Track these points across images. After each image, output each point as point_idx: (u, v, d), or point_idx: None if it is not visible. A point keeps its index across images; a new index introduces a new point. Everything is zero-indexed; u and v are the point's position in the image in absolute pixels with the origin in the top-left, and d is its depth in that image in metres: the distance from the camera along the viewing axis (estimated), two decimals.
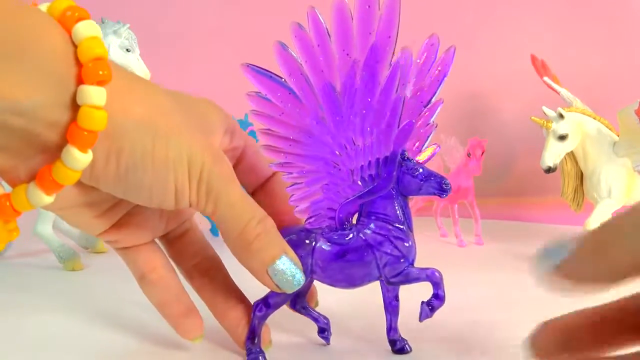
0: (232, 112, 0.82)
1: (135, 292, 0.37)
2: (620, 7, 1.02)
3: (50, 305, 0.53)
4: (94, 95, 0.22)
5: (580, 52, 1.03)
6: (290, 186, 0.35)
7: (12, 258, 0.75)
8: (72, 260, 0.70)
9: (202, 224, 0.94)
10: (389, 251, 0.35)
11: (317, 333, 0.41)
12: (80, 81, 0.22)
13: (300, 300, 0.40)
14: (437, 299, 0.35)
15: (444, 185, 0.35)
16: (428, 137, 0.38)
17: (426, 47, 0.38)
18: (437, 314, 0.36)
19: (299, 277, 0.33)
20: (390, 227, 0.36)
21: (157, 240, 0.36)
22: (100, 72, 0.22)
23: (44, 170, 0.22)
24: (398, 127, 0.33)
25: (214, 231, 0.92)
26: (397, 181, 0.35)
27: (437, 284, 0.35)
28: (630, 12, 1.02)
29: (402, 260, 0.35)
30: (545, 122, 0.73)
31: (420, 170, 0.35)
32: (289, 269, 0.32)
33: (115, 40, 0.74)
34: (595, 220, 0.72)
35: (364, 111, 0.33)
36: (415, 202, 0.95)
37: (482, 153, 0.84)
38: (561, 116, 0.72)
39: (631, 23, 1.02)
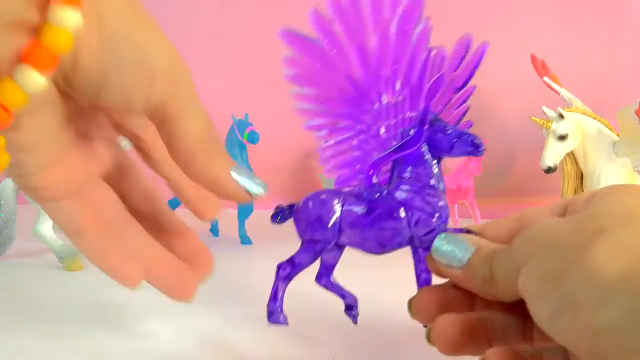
0: (233, 111, 0.83)
1: (135, 292, 0.37)
2: (620, 7, 1.02)
3: (50, 305, 0.53)
4: None
5: (580, 52, 1.03)
6: (322, 146, 0.36)
7: (12, 258, 0.75)
8: (72, 260, 0.70)
9: (201, 224, 0.94)
10: (421, 206, 0.35)
11: (344, 310, 0.41)
12: None
13: (327, 274, 0.40)
14: None
15: (477, 142, 0.34)
16: (462, 116, 0.38)
17: (458, 45, 0.38)
18: None
19: (258, 183, 0.27)
20: (422, 185, 0.35)
21: None
22: None
23: (32, 44, 0.19)
24: (428, 82, 0.34)
25: (214, 231, 0.92)
26: (428, 140, 0.35)
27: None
28: (630, 12, 1.02)
29: (435, 218, 0.35)
30: (545, 122, 0.73)
31: (452, 129, 0.35)
32: (244, 174, 0.27)
33: None
34: None
35: (395, 66, 0.34)
36: None
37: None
38: (561, 116, 0.72)
39: (631, 23, 1.02)
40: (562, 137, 0.72)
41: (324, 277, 0.39)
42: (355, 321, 0.41)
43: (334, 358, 0.40)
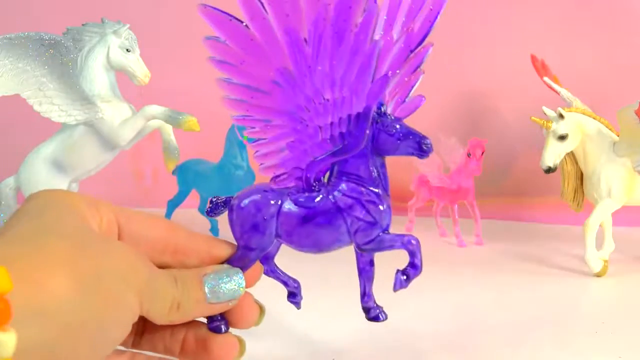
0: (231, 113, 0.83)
1: None
2: (620, 7, 1.02)
3: None
4: None
5: (580, 52, 1.03)
6: (255, 142, 0.33)
7: None
8: None
9: (202, 224, 0.94)
10: (360, 216, 0.32)
11: (286, 298, 0.39)
12: None
13: (268, 263, 0.38)
14: (413, 267, 0.33)
15: (424, 146, 0.32)
16: (413, 86, 0.34)
17: None
18: (437, 312, 0.36)
19: (237, 279, 0.30)
20: (363, 189, 0.32)
21: None
22: None
23: None
24: (372, 79, 0.30)
25: (214, 231, 0.92)
26: (371, 139, 0.32)
27: (413, 252, 0.32)
28: (630, 12, 1.02)
29: (375, 227, 0.32)
30: (545, 122, 0.73)
31: (398, 127, 0.32)
32: (220, 281, 0.29)
33: (115, 40, 0.74)
34: (595, 220, 0.72)
35: (334, 61, 0.30)
36: (415, 201, 0.95)
37: (482, 153, 0.84)
38: (561, 116, 0.72)
39: (631, 23, 1.02)
40: (562, 137, 0.72)
41: (265, 265, 0.37)
42: (298, 307, 0.39)
43: (334, 358, 0.40)
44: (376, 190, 0.33)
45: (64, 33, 0.72)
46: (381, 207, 0.33)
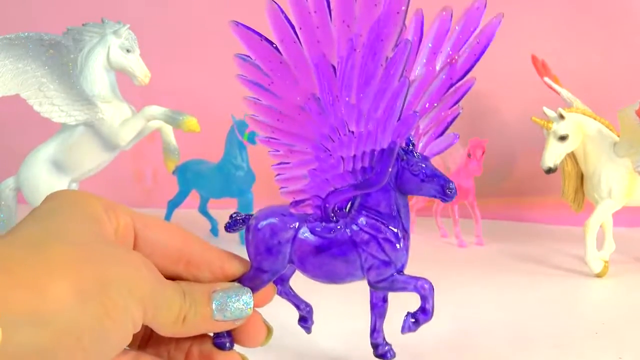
0: (233, 112, 0.83)
1: None
2: (620, 8, 1.02)
3: None
4: None
5: (580, 52, 1.03)
6: (277, 164, 0.32)
7: None
8: None
9: (202, 224, 0.95)
10: (375, 254, 0.31)
11: (297, 322, 0.39)
12: None
13: (282, 284, 0.38)
14: (424, 313, 0.32)
15: (447, 190, 0.31)
16: (449, 123, 0.33)
17: (469, 11, 0.33)
18: (437, 312, 0.35)
19: (246, 299, 0.29)
20: (381, 225, 0.32)
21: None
22: None
23: None
24: (400, 117, 0.29)
25: (214, 231, 0.92)
26: (395, 176, 0.31)
27: (425, 297, 0.32)
28: (630, 12, 1.02)
29: (389, 266, 0.32)
30: (545, 123, 0.73)
31: (423, 167, 0.31)
32: (228, 300, 0.29)
33: (116, 40, 0.74)
34: (596, 220, 0.72)
35: (361, 94, 0.29)
36: (415, 201, 0.95)
37: (483, 153, 0.84)
38: (562, 117, 0.72)
39: (631, 23, 1.02)
40: (563, 138, 0.72)
41: (279, 286, 0.37)
42: (309, 332, 0.39)
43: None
44: (395, 229, 0.32)
45: (64, 33, 0.72)
46: (398, 247, 0.32)
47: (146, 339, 0.30)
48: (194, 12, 1.14)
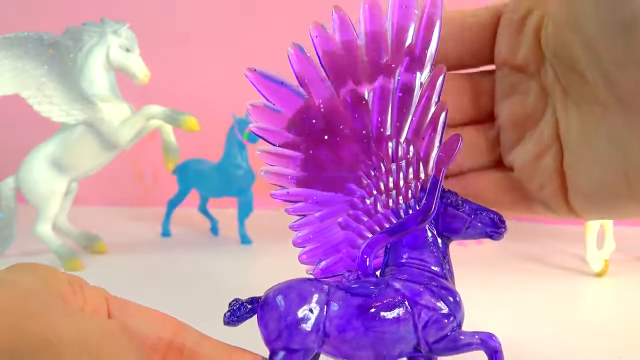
0: (233, 110, 0.83)
1: (135, 293, 0.37)
2: None
3: None
4: None
5: None
6: (295, 222, 0.28)
7: (12, 258, 0.75)
8: (72, 260, 0.70)
9: (201, 224, 0.95)
10: (430, 305, 0.26)
11: None
12: None
13: None
14: None
15: (498, 222, 0.27)
16: (444, 122, 0.29)
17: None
18: None
19: None
20: (429, 274, 0.27)
21: None
22: None
23: None
24: (441, 143, 0.27)
25: (214, 231, 0.92)
26: (435, 218, 0.27)
27: (495, 353, 0.27)
28: None
29: (449, 318, 0.26)
30: None
31: (463, 202, 0.27)
32: None
33: (115, 40, 0.74)
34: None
35: (398, 124, 0.27)
36: None
37: None
38: None
39: None
40: None
41: None
42: None
43: None
44: (444, 275, 0.28)
45: (63, 33, 0.72)
46: (457, 298, 0.27)
47: None
48: (194, 12, 1.14)
